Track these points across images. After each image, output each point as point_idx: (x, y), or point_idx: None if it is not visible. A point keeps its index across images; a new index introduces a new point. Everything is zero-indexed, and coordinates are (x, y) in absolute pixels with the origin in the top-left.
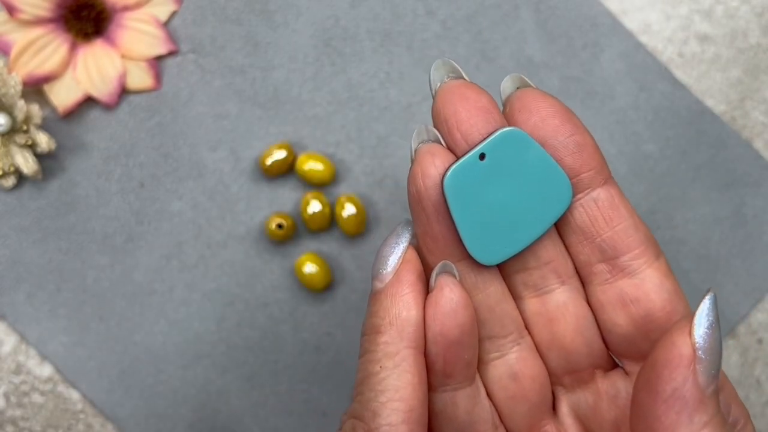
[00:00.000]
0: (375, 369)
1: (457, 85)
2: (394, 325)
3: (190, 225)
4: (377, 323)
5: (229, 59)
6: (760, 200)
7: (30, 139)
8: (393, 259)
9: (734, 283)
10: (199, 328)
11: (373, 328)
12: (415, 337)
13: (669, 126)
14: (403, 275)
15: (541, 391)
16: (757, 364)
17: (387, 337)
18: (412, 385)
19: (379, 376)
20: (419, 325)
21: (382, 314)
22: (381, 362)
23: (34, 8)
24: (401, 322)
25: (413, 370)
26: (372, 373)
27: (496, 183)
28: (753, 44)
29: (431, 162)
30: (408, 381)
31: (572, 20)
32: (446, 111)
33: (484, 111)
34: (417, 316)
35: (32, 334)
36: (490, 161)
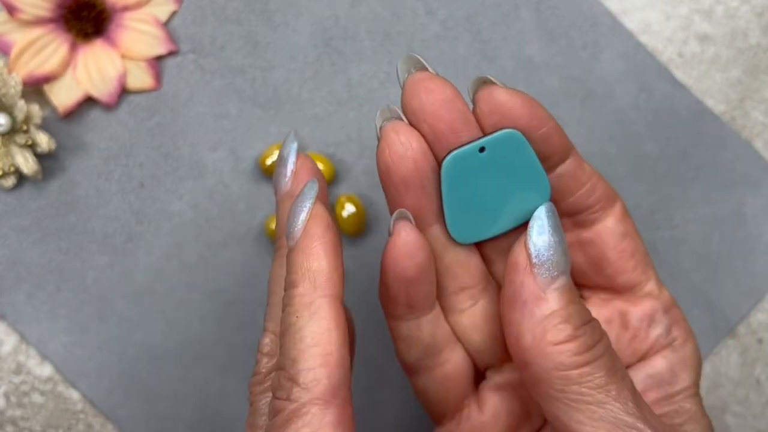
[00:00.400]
0: (293, 320)
1: (421, 77)
2: (307, 278)
3: (190, 225)
4: (292, 278)
5: (229, 59)
6: (759, 200)
7: (30, 139)
8: (301, 216)
9: (734, 283)
10: (199, 328)
11: (290, 283)
12: (327, 285)
13: (669, 126)
14: (311, 229)
15: None
16: (757, 364)
17: (301, 289)
18: (328, 331)
19: (296, 325)
20: (330, 274)
21: (296, 269)
22: (297, 313)
23: (35, 8)
24: (312, 273)
25: (329, 316)
26: (290, 324)
27: (488, 174)
28: (753, 44)
29: (396, 138)
30: (324, 327)
31: (572, 20)
32: (413, 103)
33: (448, 102)
34: (327, 266)
35: (32, 334)
36: (488, 155)
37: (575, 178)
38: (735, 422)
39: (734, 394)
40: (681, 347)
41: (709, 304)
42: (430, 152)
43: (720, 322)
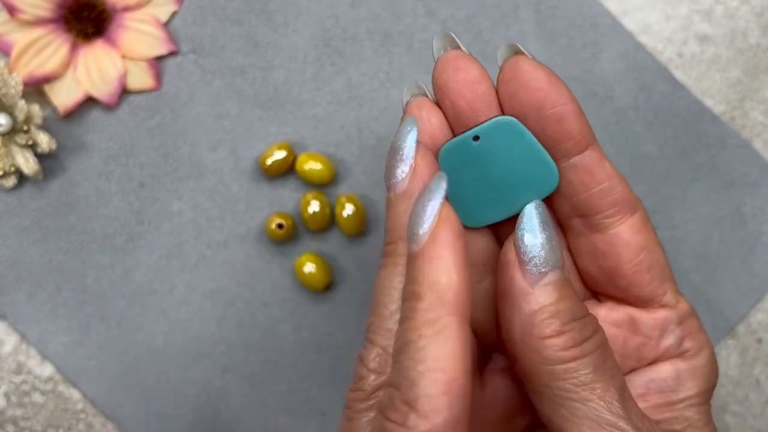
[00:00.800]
0: (414, 337)
1: (453, 56)
2: (434, 292)
3: (190, 225)
4: (416, 290)
5: (230, 59)
6: (759, 200)
7: (31, 139)
8: (428, 217)
9: (734, 283)
10: (200, 328)
11: (412, 295)
12: (456, 303)
13: (668, 126)
14: (440, 236)
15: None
16: (757, 364)
17: (426, 304)
18: (453, 355)
19: (418, 344)
20: (460, 291)
21: (421, 279)
22: (420, 330)
23: (35, 9)
24: (441, 287)
25: (455, 337)
26: (411, 341)
27: (486, 162)
28: (752, 44)
29: (417, 113)
30: (449, 350)
31: (572, 20)
32: (440, 80)
33: (472, 81)
34: (458, 282)
35: (33, 333)
36: (483, 143)
37: (591, 173)
38: (734, 422)
39: (734, 393)
40: (693, 357)
41: (708, 304)
42: (449, 129)
43: (720, 322)
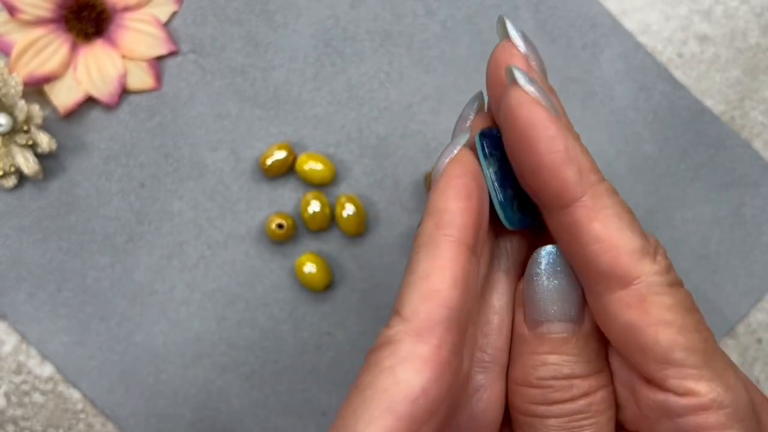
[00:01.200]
0: (411, 256)
1: (506, 45)
2: (433, 216)
3: (190, 225)
4: (423, 216)
5: (230, 59)
6: (759, 200)
7: (31, 139)
8: (445, 159)
9: (733, 283)
10: (200, 328)
11: (421, 221)
12: (451, 225)
13: (668, 126)
14: (449, 170)
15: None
16: (757, 364)
17: (425, 227)
18: (440, 269)
19: (412, 260)
20: (455, 215)
21: (428, 207)
22: (417, 249)
23: (35, 9)
24: (438, 212)
25: (445, 255)
26: (409, 260)
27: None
28: (752, 44)
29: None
30: (437, 265)
31: (572, 21)
32: (490, 65)
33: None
34: (455, 206)
35: (33, 333)
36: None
37: (572, 233)
38: None
39: None
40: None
41: (708, 304)
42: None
43: (719, 322)
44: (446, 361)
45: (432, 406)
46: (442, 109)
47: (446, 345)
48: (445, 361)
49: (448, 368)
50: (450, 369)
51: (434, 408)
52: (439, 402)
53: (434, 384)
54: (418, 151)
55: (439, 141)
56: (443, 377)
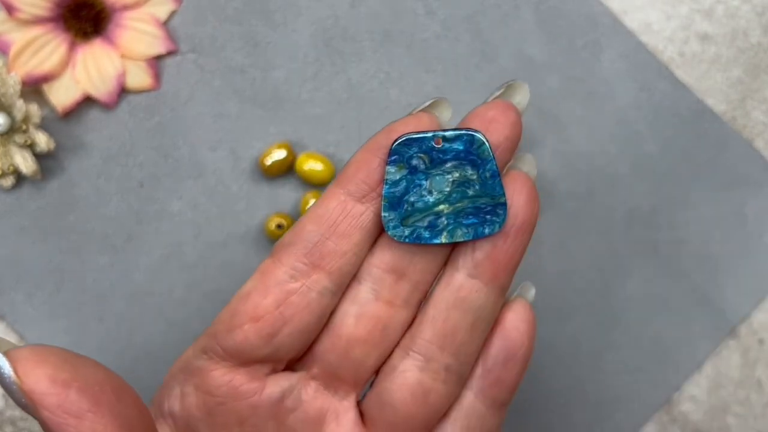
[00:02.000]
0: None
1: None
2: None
3: (189, 225)
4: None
5: (229, 59)
6: (761, 200)
7: (29, 138)
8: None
9: (735, 283)
10: (199, 329)
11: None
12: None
13: (669, 126)
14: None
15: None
16: (758, 365)
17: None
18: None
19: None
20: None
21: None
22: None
23: (33, 8)
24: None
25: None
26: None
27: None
28: (754, 44)
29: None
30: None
31: (572, 20)
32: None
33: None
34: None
35: (32, 334)
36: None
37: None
38: (736, 423)
39: (735, 394)
40: None
41: (710, 305)
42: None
43: (721, 323)
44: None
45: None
46: None
47: (290, 267)
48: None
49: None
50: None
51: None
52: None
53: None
54: None
55: None
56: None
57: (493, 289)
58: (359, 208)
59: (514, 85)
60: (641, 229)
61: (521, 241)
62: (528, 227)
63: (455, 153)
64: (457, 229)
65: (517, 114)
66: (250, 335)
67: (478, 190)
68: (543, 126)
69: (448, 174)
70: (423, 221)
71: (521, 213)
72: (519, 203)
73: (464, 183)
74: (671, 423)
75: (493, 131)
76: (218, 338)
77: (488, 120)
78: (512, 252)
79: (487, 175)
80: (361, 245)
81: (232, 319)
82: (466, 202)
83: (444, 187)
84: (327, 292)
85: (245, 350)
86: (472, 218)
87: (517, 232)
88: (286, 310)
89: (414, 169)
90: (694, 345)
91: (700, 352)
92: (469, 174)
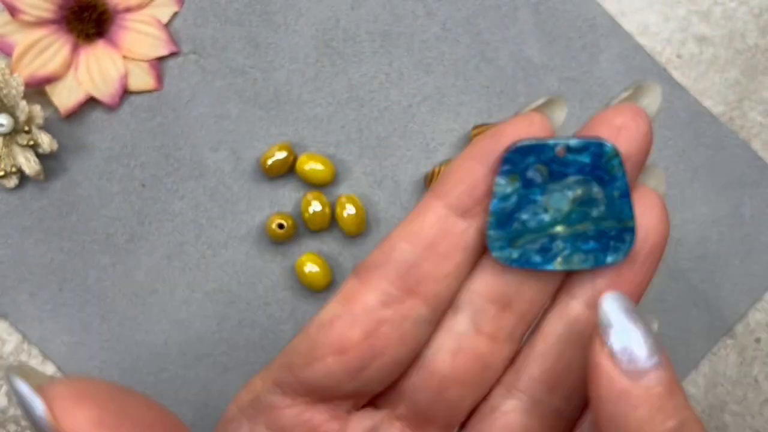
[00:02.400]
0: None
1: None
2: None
3: (191, 225)
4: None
5: (230, 60)
6: (758, 200)
7: (32, 139)
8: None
9: (732, 282)
10: (201, 328)
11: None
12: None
13: (667, 127)
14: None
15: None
16: (755, 363)
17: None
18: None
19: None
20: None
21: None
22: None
23: (36, 9)
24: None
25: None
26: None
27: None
28: (751, 45)
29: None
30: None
31: (571, 21)
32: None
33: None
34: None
35: (34, 333)
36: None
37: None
38: (733, 421)
39: (732, 393)
40: None
41: (707, 304)
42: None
43: (718, 322)
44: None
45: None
46: (442, 110)
47: (381, 292)
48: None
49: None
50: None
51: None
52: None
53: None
54: (418, 151)
55: (439, 141)
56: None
57: None
58: (461, 224)
59: (643, 87)
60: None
61: (650, 269)
62: (658, 252)
63: (580, 166)
64: (575, 255)
65: (648, 121)
66: (334, 369)
67: (603, 212)
68: None
69: (569, 190)
70: (535, 243)
71: (651, 236)
72: (649, 224)
73: (587, 202)
74: None
75: (622, 141)
76: (295, 371)
77: (616, 128)
78: (639, 280)
79: (616, 195)
80: (461, 268)
81: (312, 351)
82: (587, 224)
83: (563, 205)
84: (422, 321)
85: (328, 385)
86: (592, 243)
87: (646, 257)
88: (376, 342)
89: (529, 182)
90: (691, 344)
91: (697, 350)
92: (594, 192)
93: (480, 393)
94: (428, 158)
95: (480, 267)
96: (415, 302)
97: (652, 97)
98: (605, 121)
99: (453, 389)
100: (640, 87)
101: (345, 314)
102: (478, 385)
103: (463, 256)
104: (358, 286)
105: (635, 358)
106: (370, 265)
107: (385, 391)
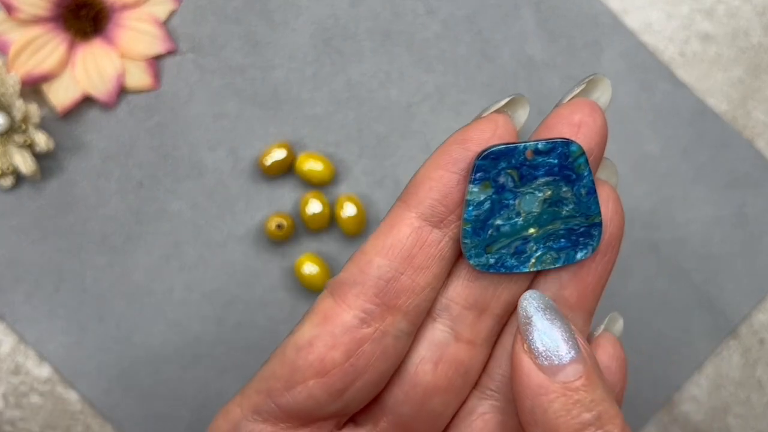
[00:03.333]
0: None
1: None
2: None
3: (189, 225)
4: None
5: (229, 59)
6: (761, 200)
7: (28, 138)
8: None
9: (736, 283)
10: (199, 329)
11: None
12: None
13: (670, 126)
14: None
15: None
16: (759, 365)
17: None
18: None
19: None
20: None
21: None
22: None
23: (33, 7)
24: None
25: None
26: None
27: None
28: (754, 44)
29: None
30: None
31: (573, 19)
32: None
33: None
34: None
35: (31, 334)
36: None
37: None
38: (736, 423)
39: (736, 395)
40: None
41: (710, 305)
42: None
43: (721, 323)
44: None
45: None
46: (442, 109)
47: (359, 310)
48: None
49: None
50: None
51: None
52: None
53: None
54: (418, 151)
55: (439, 141)
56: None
57: (579, 315)
58: (436, 234)
59: (595, 80)
60: (641, 229)
61: (609, 259)
62: (617, 243)
63: (549, 167)
64: (547, 255)
65: (603, 115)
66: (316, 392)
67: (572, 210)
68: None
69: (539, 192)
70: (510, 247)
71: (609, 227)
72: (606, 216)
73: (557, 202)
74: (672, 423)
75: (582, 138)
76: (274, 397)
77: (576, 125)
78: (600, 272)
79: (583, 192)
80: (439, 278)
81: (292, 375)
82: (558, 223)
83: (534, 207)
84: (403, 334)
85: (309, 409)
86: (563, 241)
87: (606, 249)
88: (358, 361)
89: (501, 187)
90: (694, 345)
91: (701, 352)
92: (563, 191)
93: (462, 398)
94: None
95: (454, 273)
96: (394, 317)
97: (603, 90)
98: (564, 118)
99: (436, 399)
100: (592, 80)
101: (324, 335)
102: (460, 391)
103: (440, 266)
104: (334, 304)
105: (552, 353)
106: (345, 282)
107: (366, 406)
